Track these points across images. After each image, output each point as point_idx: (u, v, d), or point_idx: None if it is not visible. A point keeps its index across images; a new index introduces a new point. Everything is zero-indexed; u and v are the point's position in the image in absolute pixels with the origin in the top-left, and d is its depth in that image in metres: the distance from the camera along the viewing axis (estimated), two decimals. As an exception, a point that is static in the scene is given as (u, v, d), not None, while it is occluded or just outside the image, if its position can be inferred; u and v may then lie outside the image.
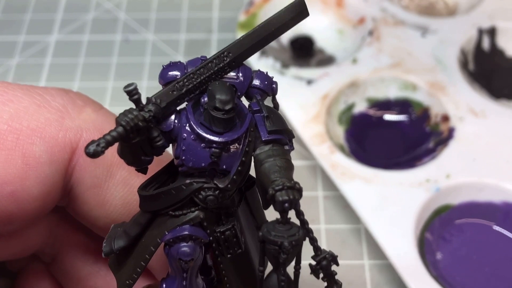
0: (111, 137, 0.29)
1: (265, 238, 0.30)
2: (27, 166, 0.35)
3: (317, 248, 0.32)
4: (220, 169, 0.32)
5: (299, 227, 0.31)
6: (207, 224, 0.33)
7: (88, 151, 0.28)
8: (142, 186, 0.34)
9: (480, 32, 0.71)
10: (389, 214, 0.56)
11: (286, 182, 0.29)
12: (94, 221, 0.40)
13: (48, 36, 0.78)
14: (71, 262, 0.43)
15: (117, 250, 0.34)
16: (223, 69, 0.32)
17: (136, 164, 0.32)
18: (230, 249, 0.34)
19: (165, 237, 0.33)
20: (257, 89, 0.33)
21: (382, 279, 0.56)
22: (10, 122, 0.36)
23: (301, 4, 0.33)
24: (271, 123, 0.32)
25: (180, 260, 0.32)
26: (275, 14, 0.33)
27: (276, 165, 0.31)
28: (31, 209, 0.36)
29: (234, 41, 0.32)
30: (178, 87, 0.32)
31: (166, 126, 0.32)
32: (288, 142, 0.33)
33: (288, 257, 0.30)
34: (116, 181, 0.39)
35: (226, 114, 0.31)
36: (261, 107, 0.32)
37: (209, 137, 0.31)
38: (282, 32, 0.33)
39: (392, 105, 0.68)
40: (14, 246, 0.41)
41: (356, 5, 0.75)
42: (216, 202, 0.32)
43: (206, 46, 0.76)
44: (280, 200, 0.29)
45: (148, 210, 0.34)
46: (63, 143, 0.37)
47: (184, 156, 0.32)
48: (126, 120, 0.29)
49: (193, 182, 0.32)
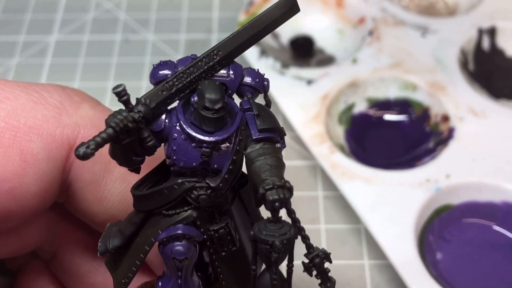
0: (100, 139, 0.29)
1: (256, 237, 0.30)
2: (25, 163, 0.35)
3: (309, 246, 0.32)
4: (212, 168, 0.32)
5: (290, 226, 0.30)
6: (200, 223, 0.33)
7: (78, 153, 0.28)
8: (135, 186, 0.34)
9: (480, 32, 0.71)
10: (389, 214, 0.56)
11: (276, 181, 0.29)
12: (93, 217, 0.40)
13: (48, 36, 0.78)
14: (71, 259, 0.43)
15: (112, 249, 0.34)
16: (213, 67, 0.32)
17: (128, 165, 0.32)
18: (224, 247, 0.34)
19: (159, 236, 0.33)
20: (248, 87, 0.33)
21: (382, 279, 0.56)
22: (7, 120, 0.36)
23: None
24: (262, 121, 0.32)
25: (174, 259, 0.32)
26: (265, 10, 0.32)
27: (267, 164, 0.31)
28: (30, 206, 0.36)
29: (224, 39, 0.32)
30: (167, 87, 0.31)
31: (157, 126, 0.32)
32: (280, 140, 0.33)
33: (279, 256, 0.30)
34: (114, 177, 0.39)
35: (216, 113, 0.30)
36: (252, 105, 0.32)
37: (199, 137, 0.31)
38: (273, 29, 0.33)
39: (392, 105, 0.68)
40: (13, 244, 0.41)
41: (356, 5, 0.75)
42: (208, 201, 0.32)
43: (206, 46, 0.76)
44: (270, 199, 0.29)
45: (142, 209, 0.34)
46: (61, 140, 0.37)
47: (175, 156, 0.32)
48: (116, 122, 0.29)
49: (185, 181, 0.32)
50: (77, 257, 0.43)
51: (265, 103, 0.34)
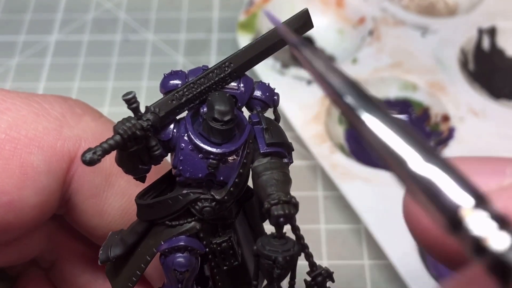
0: (108, 145, 0.28)
1: (260, 252, 0.30)
2: (24, 176, 0.35)
3: (312, 264, 0.32)
4: (218, 180, 0.32)
5: (294, 242, 0.30)
6: (203, 235, 0.33)
7: (84, 158, 0.28)
8: (139, 195, 0.33)
9: (480, 32, 0.71)
10: (389, 214, 0.56)
11: (282, 196, 0.29)
12: (92, 230, 0.40)
13: (48, 36, 0.78)
14: (70, 269, 0.43)
15: (113, 258, 0.34)
16: (224, 79, 0.32)
17: (133, 173, 0.32)
18: (226, 261, 0.34)
19: (161, 247, 0.33)
20: (258, 100, 0.33)
21: (382, 279, 0.56)
22: (8, 131, 0.35)
23: (305, 15, 0.33)
24: (270, 135, 0.32)
25: (175, 270, 0.32)
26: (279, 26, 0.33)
27: (273, 179, 0.31)
28: (29, 219, 0.36)
29: (236, 51, 0.32)
30: (177, 97, 0.31)
31: (165, 135, 0.32)
32: (287, 155, 0.33)
33: (282, 272, 0.30)
34: (115, 191, 0.38)
35: (224, 125, 0.30)
36: (261, 119, 0.32)
37: (206, 148, 0.31)
38: (285, 44, 0.33)
39: (392, 105, 0.68)
40: (12, 254, 0.40)
41: (356, 5, 0.75)
42: (212, 213, 0.32)
43: (206, 46, 0.76)
44: (275, 215, 0.29)
45: (145, 219, 0.33)
46: (61, 153, 0.37)
47: (182, 166, 0.31)
48: (124, 129, 0.29)
49: (190, 192, 0.32)
50: (75, 267, 0.43)
51: (274, 117, 0.34)
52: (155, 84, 0.75)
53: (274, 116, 0.34)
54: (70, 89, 0.72)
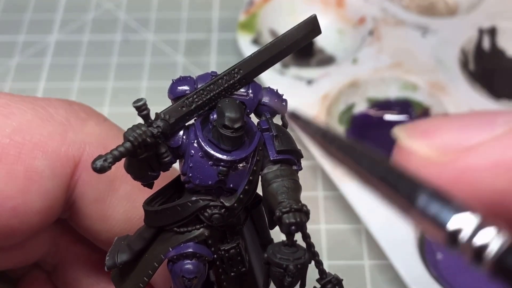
0: (118, 153, 0.28)
1: (270, 260, 0.30)
2: (29, 181, 0.35)
3: (322, 272, 0.32)
4: (227, 187, 0.32)
5: (305, 250, 0.30)
6: (211, 242, 0.33)
7: (95, 166, 0.28)
8: (147, 201, 0.33)
9: (480, 32, 0.71)
10: (389, 214, 0.56)
11: (293, 204, 0.29)
12: (96, 235, 0.40)
13: (48, 36, 0.78)
14: (72, 272, 0.43)
15: (120, 264, 0.34)
16: (233, 85, 0.32)
17: (142, 179, 0.32)
18: (234, 268, 0.34)
19: (169, 254, 0.32)
20: (266, 107, 0.33)
21: (382, 279, 0.56)
22: (12, 136, 0.35)
23: (313, 21, 0.33)
24: (280, 142, 0.32)
25: (183, 277, 0.32)
26: (287, 32, 0.33)
27: (284, 186, 0.31)
28: (33, 223, 0.36)
29: (244, 58, 0.32)
30: (187, 103, 0.31)
31: (174, 142, 0.31)
32: (297, 163, 0.33)
33: (293, 280, 0.30)
34: (119, 195, 0.38)
35: (235, 132, 0.30)
36: (270, 126, 0.32)
37: (217, 155, 0.31)
38: (294, 50, 0.33)
39: (392, 105, 0.68)
40: (15, 257, 0.40)
41: (356, 5, 0.75)
42: (221, 220, 0.32)
43: (206, 46, 0.76)
44: (287, 223, 0.29)
45: (153, 225, 0.33)
46: (66, 158, 0.37)
47: (191, 173, 0.31)
48: (134, 136, 0.29)
49: (199, 199, 0.32)
50: (78, 271, 0.43)
51: (282, 123, 0.34)
52: (155, 84, 0.75)
53: (282, 122, 0.34)
54: (70, 89, 0.72)
